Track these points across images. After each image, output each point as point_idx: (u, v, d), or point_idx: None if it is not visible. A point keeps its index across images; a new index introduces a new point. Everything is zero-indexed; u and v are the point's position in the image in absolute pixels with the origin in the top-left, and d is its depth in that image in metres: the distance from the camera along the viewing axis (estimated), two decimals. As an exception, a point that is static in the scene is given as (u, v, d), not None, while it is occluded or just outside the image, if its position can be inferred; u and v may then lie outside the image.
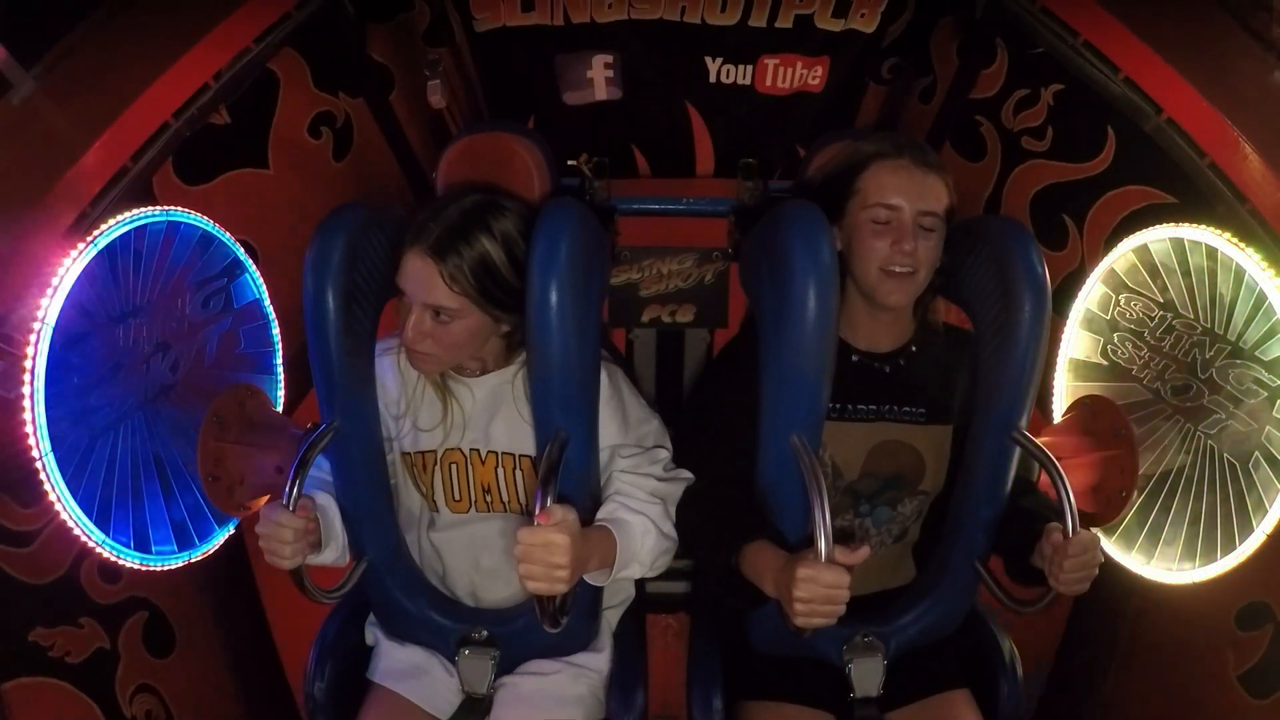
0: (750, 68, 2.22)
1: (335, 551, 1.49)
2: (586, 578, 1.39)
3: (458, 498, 1.58)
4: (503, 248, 1.42)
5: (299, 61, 1.90)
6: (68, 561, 1.48)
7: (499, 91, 2.31)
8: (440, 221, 1.40)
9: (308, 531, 1.38)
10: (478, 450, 1.55)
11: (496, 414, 1.54)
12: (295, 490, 1.34)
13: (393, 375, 1.55)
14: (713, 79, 2.24)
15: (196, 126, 1.60)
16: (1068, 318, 1.70)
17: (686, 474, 1.57)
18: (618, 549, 1.41)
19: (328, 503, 1.50)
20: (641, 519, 1.46)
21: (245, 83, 1.70)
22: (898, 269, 1.44)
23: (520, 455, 1.54)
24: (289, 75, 1.87)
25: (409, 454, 1.58)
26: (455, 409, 1.54)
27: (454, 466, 1.56)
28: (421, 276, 1.39)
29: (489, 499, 1.57)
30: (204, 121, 1.63)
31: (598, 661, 1.65)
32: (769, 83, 2.24)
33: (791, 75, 2.23)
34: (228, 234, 1.61)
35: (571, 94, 2.24)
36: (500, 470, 1.55)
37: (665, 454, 1.57)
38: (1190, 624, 1.69)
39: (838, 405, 1.52)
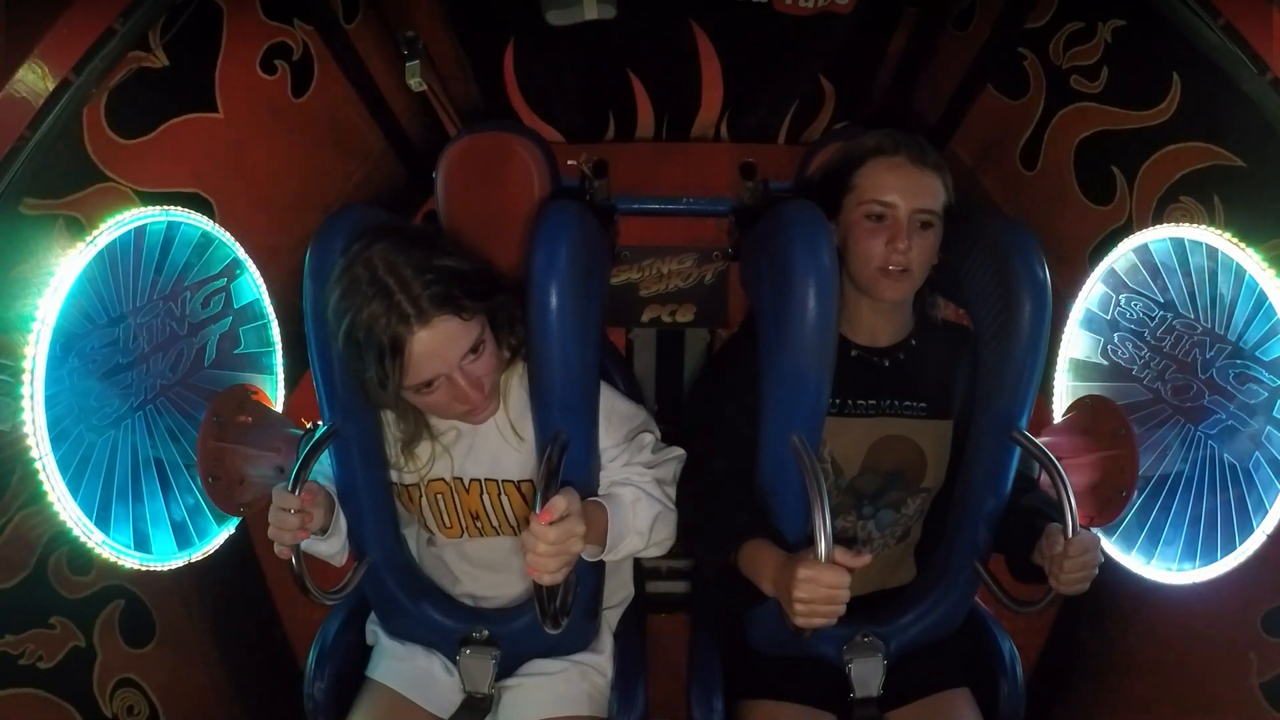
0: None
1: (337, 544, 1.49)
2: (583, 554, 1.37)
3: (448, 524, 1.57)
4: (437, 249, 1.36)
5: None
6: (33, 559, 1.40)
7: (471, 14, 2.02)
8: (411, 288, 1.29)
9: (310, 508, 1.36)
10: (460, 479, 1.53)
11: (477, 440, 1.52)
12: (298, 486, 1.33)
13: None
14: None
15: (103, 74, 1.36)
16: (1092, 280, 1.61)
17: (678, 450, 1.57)
18: (609, 520, 1.41)
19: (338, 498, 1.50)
20: (631, 489, 1.46)
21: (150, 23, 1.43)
22: (893, 267, 1.44)
23: (503, 480, 1.53)
24: (234, 5, 1.65)
25: (395, 485, 1.57)
26: (437, 443, 1.52)
27: (440, 497, 1.55)
28: (447, 337, 1.31)
29: (479, 524, 1.56)
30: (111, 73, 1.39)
31: (599, 661, 1.65)
32: (790, 0, 1.92)
33: None
34: (178, 191, 1.51)
35: (555, 13, 1.90)
36: (485, 497, 1.54)
37: (651, 437, 1.57)
38: (1205, 625, 1.63)
39: (837, 400, 1.52)
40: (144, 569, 1.44)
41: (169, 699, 1.65)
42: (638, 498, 1.46)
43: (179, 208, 1.50)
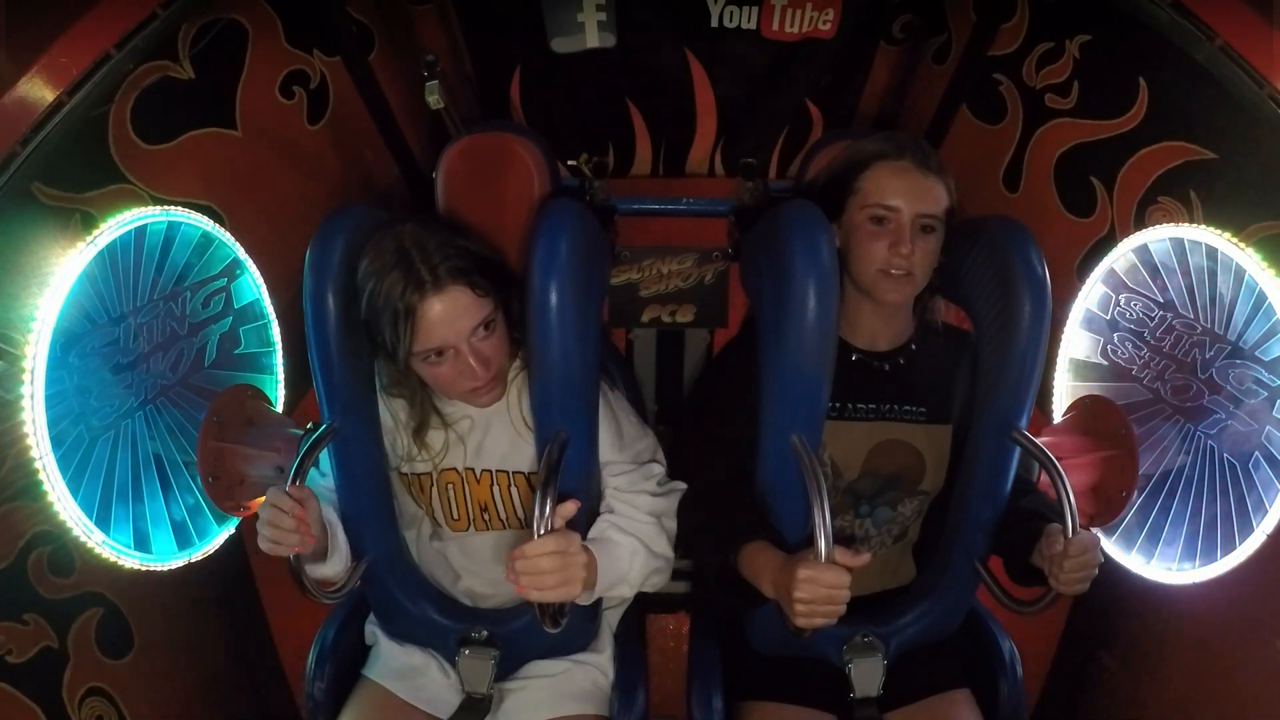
0: (756, 9, 2.03)
1: (338, 565, 1.48)
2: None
3: (456, 516, 1.57)
4: (461, 234, 1.44)
5: (270, 15, 1.75)
6: (13, 553, 1.38)
7: (482, 41, 2.15)
8: (431, 258, 1.36)
9: (305, 504, 1.35)
10: (473, 469, 1.54)
11: (490, 431, 1.53)
12: (296, 482, 1.33)
13: (383, 408, 1.54)
14: (714, 22, 2.06)
15: (141, 60, 1.42)
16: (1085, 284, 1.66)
17: (681, 486, 1.57)
18: (603, 568, 1.41)
19: (334, 516, 1.49)
20: (632, 540, 1.47)
21: (196, 14, 1.51)
22: (895, 271, 1.44)
23: (514, 472, 1.54)
24: (259, 28, 1.71)
25: (405, 475, 1.58)
26: (451, 431, 1.54)
27: (450, 487, 1.56)
28: (458, 308, 1.36)
29: (487, 517, 1.57)
30: (153, 58, 1.45)
31: (600, 661, 1.65)
32: (776, 26, 2.06)
33: (801, 18, 2.04)
34: (192, 201, 1.55)
35: (560, 40, 2.02)
36: (496, 488, 1.55)
37: (659, 469, 1.58)
38: (1222, 622, 1.61)
39: (837, 404, 1.52)
40: (143, 569, 1.44)
41: (142, 714, 1.62)
42: (636, 551, 1.46)
43: (179, 208, 1.50)
